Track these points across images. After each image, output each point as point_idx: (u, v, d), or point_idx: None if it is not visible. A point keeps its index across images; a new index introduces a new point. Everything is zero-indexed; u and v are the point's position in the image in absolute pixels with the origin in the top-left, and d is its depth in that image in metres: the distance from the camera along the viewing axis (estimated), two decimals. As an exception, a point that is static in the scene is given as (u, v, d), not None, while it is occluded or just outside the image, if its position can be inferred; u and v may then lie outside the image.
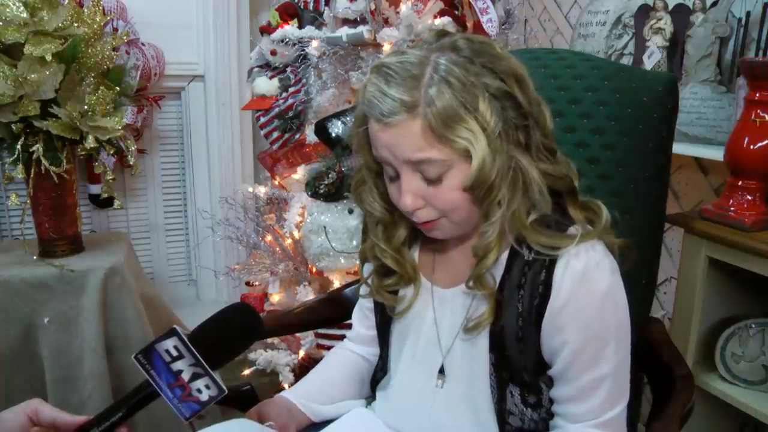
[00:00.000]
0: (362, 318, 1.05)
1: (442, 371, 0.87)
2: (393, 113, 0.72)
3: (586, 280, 0.76)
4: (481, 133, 0.72)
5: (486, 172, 0.73)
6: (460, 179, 0.75)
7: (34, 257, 1.68)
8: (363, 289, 0.98)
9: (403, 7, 1.69)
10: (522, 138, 0.76)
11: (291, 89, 1.98)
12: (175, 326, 0.72)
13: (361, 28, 1.74)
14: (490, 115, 0.72)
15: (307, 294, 1.91)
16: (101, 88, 1.61)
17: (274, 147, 2.06)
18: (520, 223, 0.77)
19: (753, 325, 1.26)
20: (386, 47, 1.70)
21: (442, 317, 0.87)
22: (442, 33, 0.79)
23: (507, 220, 0.76)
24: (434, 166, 0.74)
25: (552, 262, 0.77)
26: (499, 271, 0.80)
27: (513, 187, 0.76)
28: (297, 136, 2.01)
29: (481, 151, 0.72)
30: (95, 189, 2.37)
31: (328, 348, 1.72)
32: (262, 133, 2.05)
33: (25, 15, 1.48)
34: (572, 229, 0.78)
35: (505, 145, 0.74)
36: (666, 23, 1.55)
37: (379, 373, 0.98)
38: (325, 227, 1.76)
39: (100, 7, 1.70)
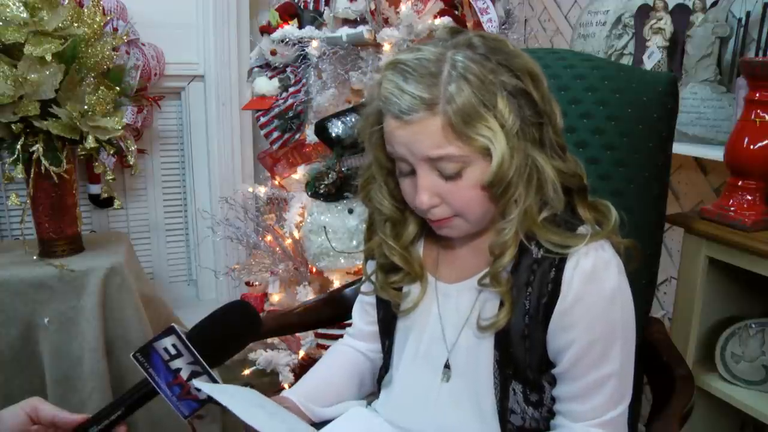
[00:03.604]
0: (362, 314, 1.05)
1: (447, 366, 0.87)
2: (412, 110, 0.72)
3: (596, 279, 0.77)
4: (500, 130, 0.73)
5: (505, 170, 0.73)
6: (477, 176, 0.75)
7: (34, 257, 1.68)
8: (366, 287, 0.98)
9: (403, 7, 1.69)
10: (537, 135, 0.77)
11: (291, 89, 1.98)
12: (173, 324, 0.72)
13: (361, 28, 1.74)
14: (508, 113, 0.73)
15: (307, 294, 1.91)
16: (101, 88, 1.60)
17: (274, 147, 2.05)
18: (531, 220, 0.77)
19: (753, 325, 1.26)
20: (386, 47, 1.70)
21: (447, 312, 0.87)
22: (455, 30, 0.79)
23: (519, 216, 0.77)
24: (452, 162, 0.74)
25: (561, 261, 0.77)
26: (510, 265, 0.80)
27: (528, 184, 0.76)
28: (297, 136, 2.00)
29: (501, 149, 0.72)
30: (95, 189, 2.37)
31: (328, 348, 1.72)
32: (262, 133, 2.05)
33: (25, 15, 1.48)
34: (582, 229, 0.79)
35: (522, 142, 0.75)
36: (666, 23, 1.55)
37: (382, 369, 0.98)
38: (325, 227, 1.76)
39: (100, 7, 1.70)
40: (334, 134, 1.71)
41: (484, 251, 0.81)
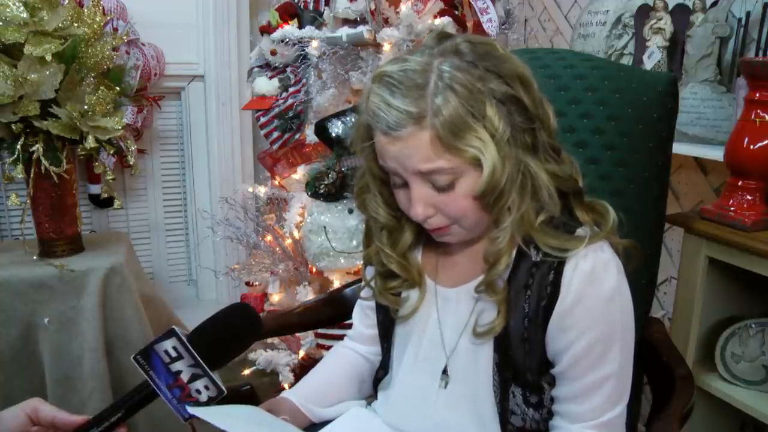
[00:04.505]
0: (362, 317, 1.05)
1: (445, 372, 0.87)
2: (400, 125, 0.71)
3: (595, 280, 0.76)
4: (490, 140, 0.72)
5: (497, 179, 0.73)
6: (470, 186, 0.74)
7: (34, 257, 1.68)
8: (365, 292, 0.98)
9: (403, 7, 1.69)
10: (529, 140, 0.76)
11: (291, 89, 1.98)
12: (174, 327, 0.72)
13: (361, 28, 1.74)
14: (498, 121, 0.72)
15: (307, 294, 1.91)
16: (101, 88, 1.61)
17: (274, 147, 2.06)
18: (529, 225, 0.77)
19: (753, 325, 1.26)
20: (386, 47, 1.70)
21: (446, 317, 0.87)
22: (442, 35, 0.78)
23: (516, 223, 0.76)
24: (444, 175, 0.74)
25: (560, 263, 0.77)
26: (505, 272, 0.80)
27: (522, 191, 0.76)
28: (297, 136, 2.00)
29: (491, 158, 0.72)
30: (95, 189, 2.37)
31: (328, 348, 1.72)
32: (262, 133, 2.05)
33: (25, 15, 1.48)
34: (580, 231, 0.78)
35: (513, 150, 0.74)
36: (666, 23, 1.55)
37: (380, 371, 0.98)
38: (325, 227, 1.76)
39: (100, 7, 1.70)
40: (334, 134, 1.71)
41: (482, 257, 0.81)
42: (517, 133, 0.74)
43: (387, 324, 0.95)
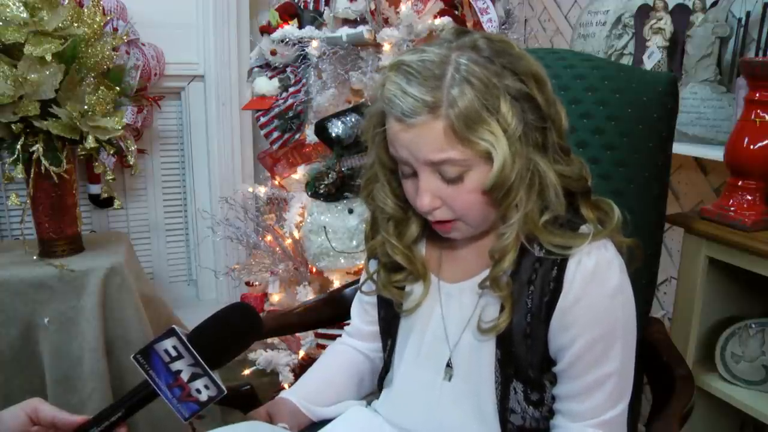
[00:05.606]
0: (362, 313, 1.04)
1: (449, 365, 0.87)
2: (415, 113, 0.72)
3: (598, 278, 0.77)
4: (503, 135, 0.72)
5: (506, 175, 0.73)
6: (479, 180, 0.75)
7: (34, 257, 1.68)
8: (367, 286, 0.98)
9: (403, 7, 1.69)
10: (540, 139, 0.76)
11: (291, 89, 1.98)
12: (174, 326, 0.72)
13: (361, 28, 1.74)
14: (511, 117, 0.72)
15: (307, 294, 1.91)
16: (101, 88, 1.60)
17: (274, 147, 2.06)
18: (533, 224, 0.77)
19: (753, 325, 1.26)
20: (386, 47, 1.70)
21: (449, 312, 0.87)
22: (460, 31, 0.78)
23: (520, 221, 0.77)
24: (454, 166, 0.74)
25: (564, 260, 0.77)
26: (509, 268, 0.80)
27: (529, 189, 0.76)
28: (297, 136, 2.00)
29: (503, 153, 0.72)
30: (95, 189, 2.37)
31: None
32: (262, 133, 2.05)
33: (25, 15, 1.48)
34: (584, 228, 0.79)
35: (524, 147, 0.75)
36: (666, 23, 1.55)
37: (382, 369, 0.98)
38: (325, 227, 1.76)
39: (100, 7, 1.70)
40: (334, 134, 1.71)
41: (486, 252, 0.81)
42: (528, 131, 0.75)
43: (390, 319, 0.95)
